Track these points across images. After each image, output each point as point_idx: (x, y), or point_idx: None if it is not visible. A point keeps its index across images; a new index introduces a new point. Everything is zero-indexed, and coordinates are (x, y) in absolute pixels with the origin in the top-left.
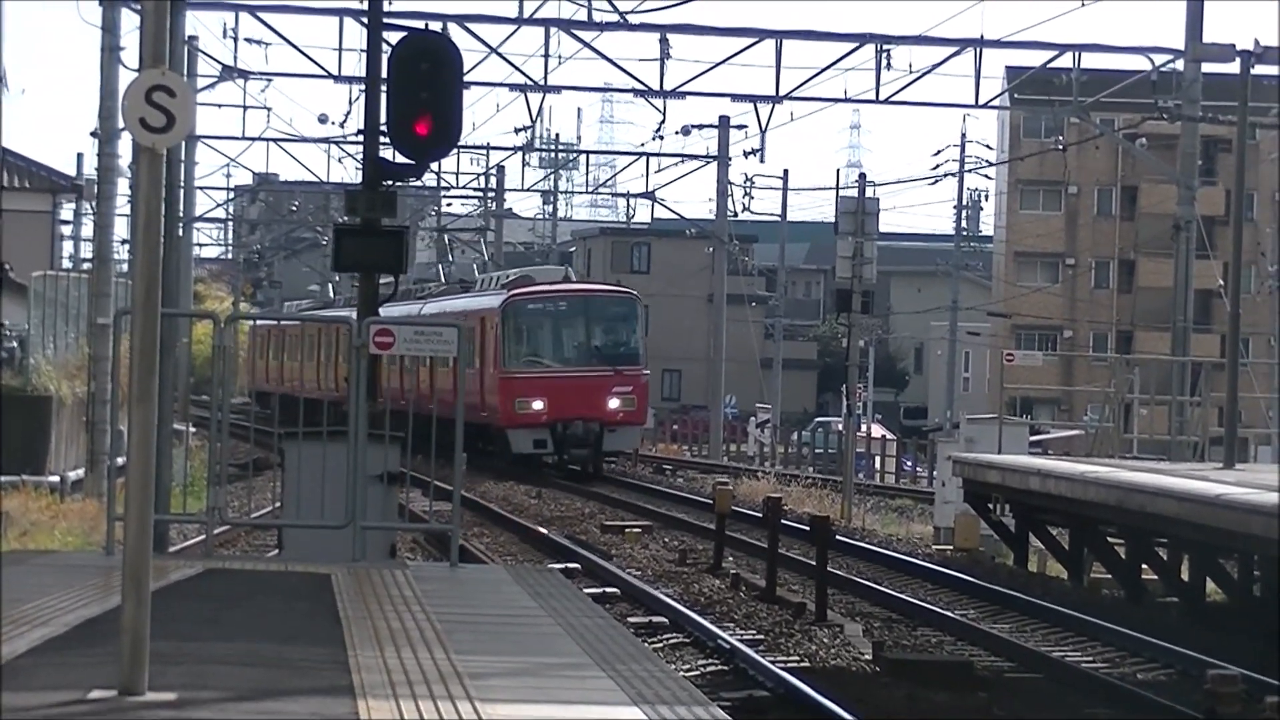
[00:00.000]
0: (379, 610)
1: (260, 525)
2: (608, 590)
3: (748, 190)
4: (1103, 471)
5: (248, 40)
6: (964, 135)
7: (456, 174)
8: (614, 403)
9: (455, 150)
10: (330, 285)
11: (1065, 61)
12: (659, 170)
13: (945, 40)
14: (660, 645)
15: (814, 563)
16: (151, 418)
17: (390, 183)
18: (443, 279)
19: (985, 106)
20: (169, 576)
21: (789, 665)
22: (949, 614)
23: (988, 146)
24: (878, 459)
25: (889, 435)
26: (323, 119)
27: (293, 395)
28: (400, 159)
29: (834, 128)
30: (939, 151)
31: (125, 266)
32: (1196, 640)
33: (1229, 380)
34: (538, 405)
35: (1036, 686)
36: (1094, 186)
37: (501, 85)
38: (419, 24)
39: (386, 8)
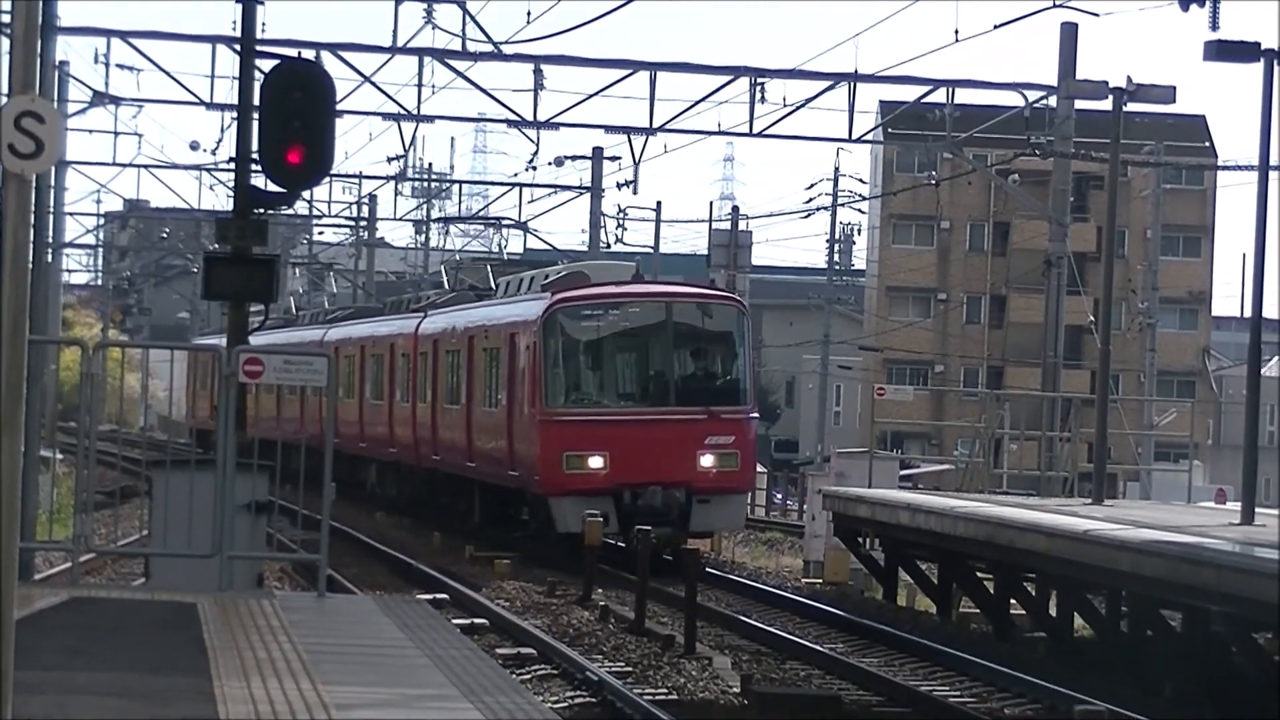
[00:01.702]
0: (245, 640)
1: (127, 554)
2: (476, 621)
3: (621, 222)
4: (972, 506)
5: (119, 66)
6: (837, 169)
7: (329, 202)
8: (707, 459)
9: (327, 179)
10: (292, 299)
11: (939, 97)
12: (532, 200)
13: (819, 74)
14: (528, 677)
15: (683, 595)
16: (18, 447)
17: (261, 211)
18: (445, 284)
19: (859, 141)
20: (34, 604)
21: (657, 698)
22: (818, 647)
23: (861, 180)
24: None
25: (759, 468)
26: (194, 146)
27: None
28: (272, 187)
29: (707, 160)
30: (812, 185)
31: None
32: (1063, 676)
33: (1098, 416)
34: (596, 463)
35: (906, 718)
36: (966, 222)
37: (374, 114)
38: (292, 52)
39: (259, 35)
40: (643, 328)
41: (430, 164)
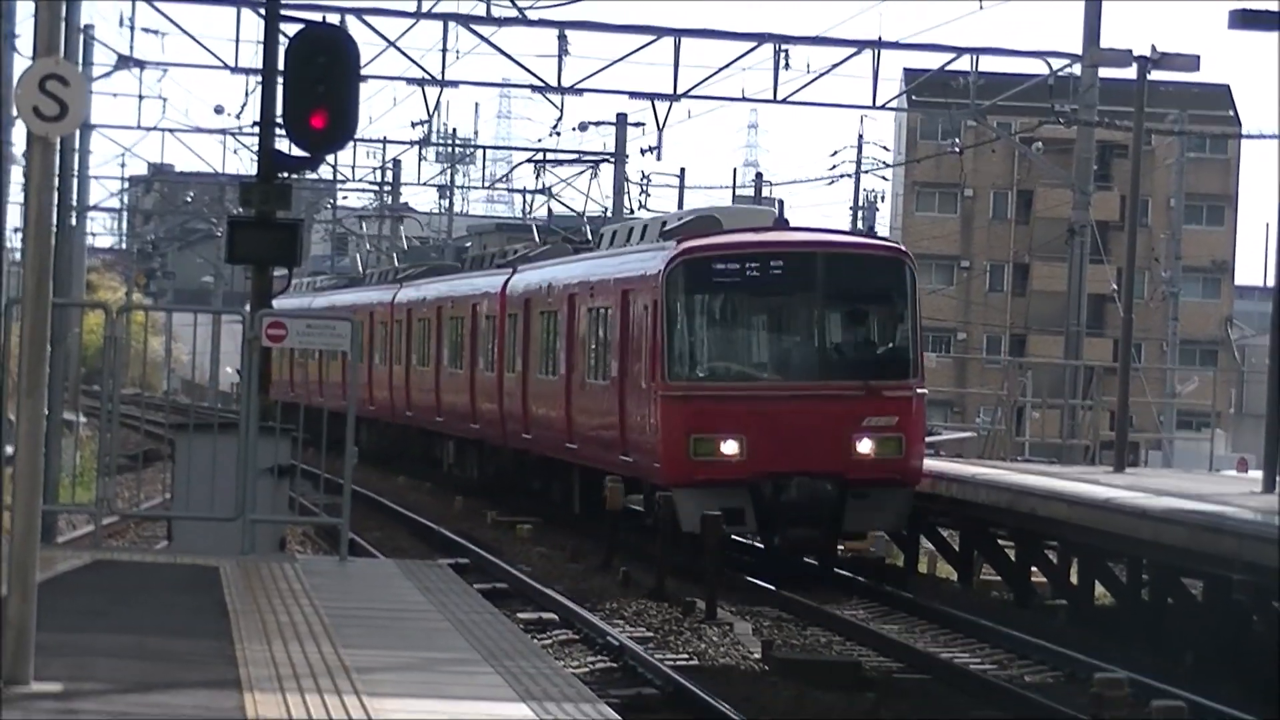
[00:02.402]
0: (267, 604)
1: (150, 517)
2: (497, 586)
3: (644, 188)
4: (995, 474)
5: (144, 29)
6: (861, 136)
7: (353, 167)
8: (865, 444)
9: (351, 144)
10: (358, 257)
11: (963, 64)
12: (556, 166)
13: (843, 41)
14: (549, 642)
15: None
16: (40, 409)
17: (285, 175)
18: (535, 235)
19: (883, 108)
20: (56, 567)
21: (678, 664)
22: (838, 614)
23: (885, 148)
24: None
25: None
26: (219, 110)
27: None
28: (296, 151)
29: (731, 127)
30: (836, 152)
31: (17, 255)
32: (1084, 643)
33: (1120, 384)
34: (729, 448)
35: (924, 687)
36: (990, 190)
37: (399, 79)
38: (317, 16)
39: None
40: (788, 284)
41: (454, 129)
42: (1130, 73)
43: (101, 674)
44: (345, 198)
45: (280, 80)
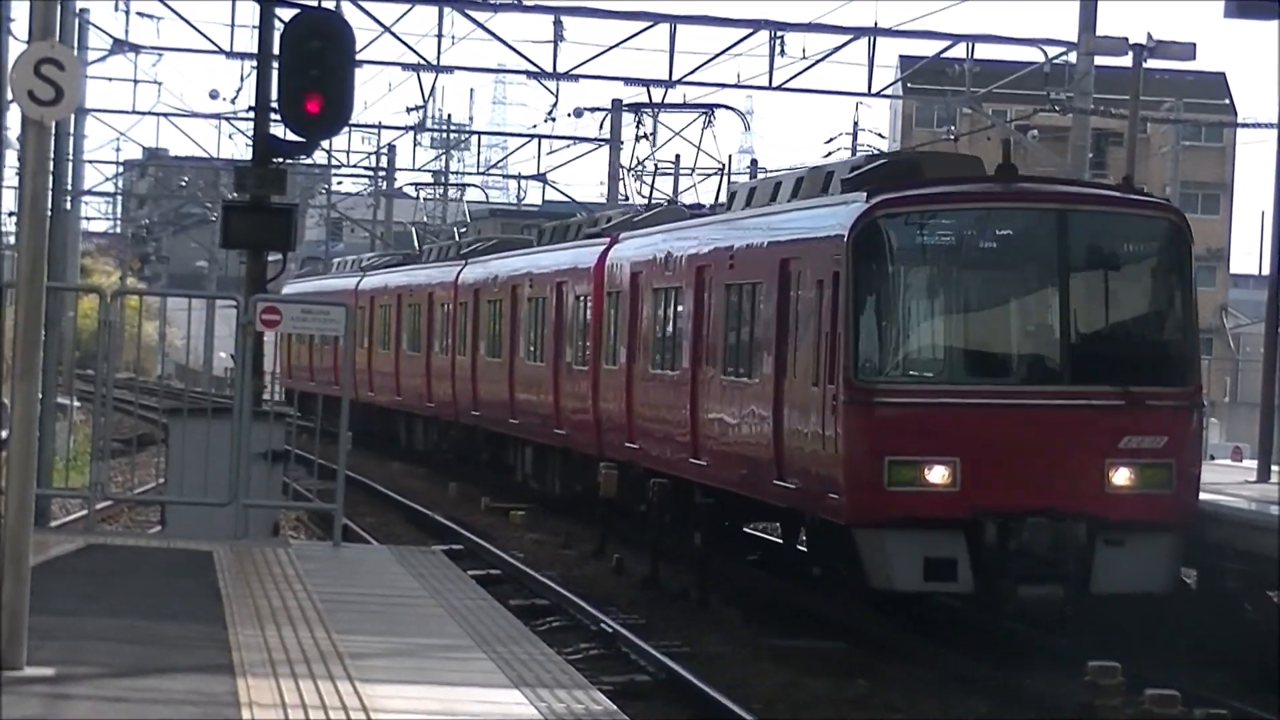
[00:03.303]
0: (260, 588)
1: (143, 501)
2: (491, 573)
3: (639, 174)
4: None
5: (139, 14)
6: (856, 124)
7: (347, 152)
8: (1123, 472)
9: (346, 129)
10: (414, 231)
11: (959, 52)
12: (551, 152)
13: (839, 28)
14: (542, 628)
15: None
16: (34, 393)
17: (280, 160)
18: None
19: (878, 95)
20: (49, 551)
21: (671, 650)
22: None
23: (880, 135)
24: None
25: None
26: (214, 94)
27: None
28: (291, 136)
29: (726, 113)
30: (831, 139)
31: (12, 239)
32: (1076, 633)
33: None
34: (939, 475)
35: (915, 675)
36: None
37: (394, 64)
38: (312, 1)
39: None
40: (1023, 252)
41: (449, 115)
42: (1126, 61)
43: (94, 658)
44: (340, 183)
45: (275, 65)
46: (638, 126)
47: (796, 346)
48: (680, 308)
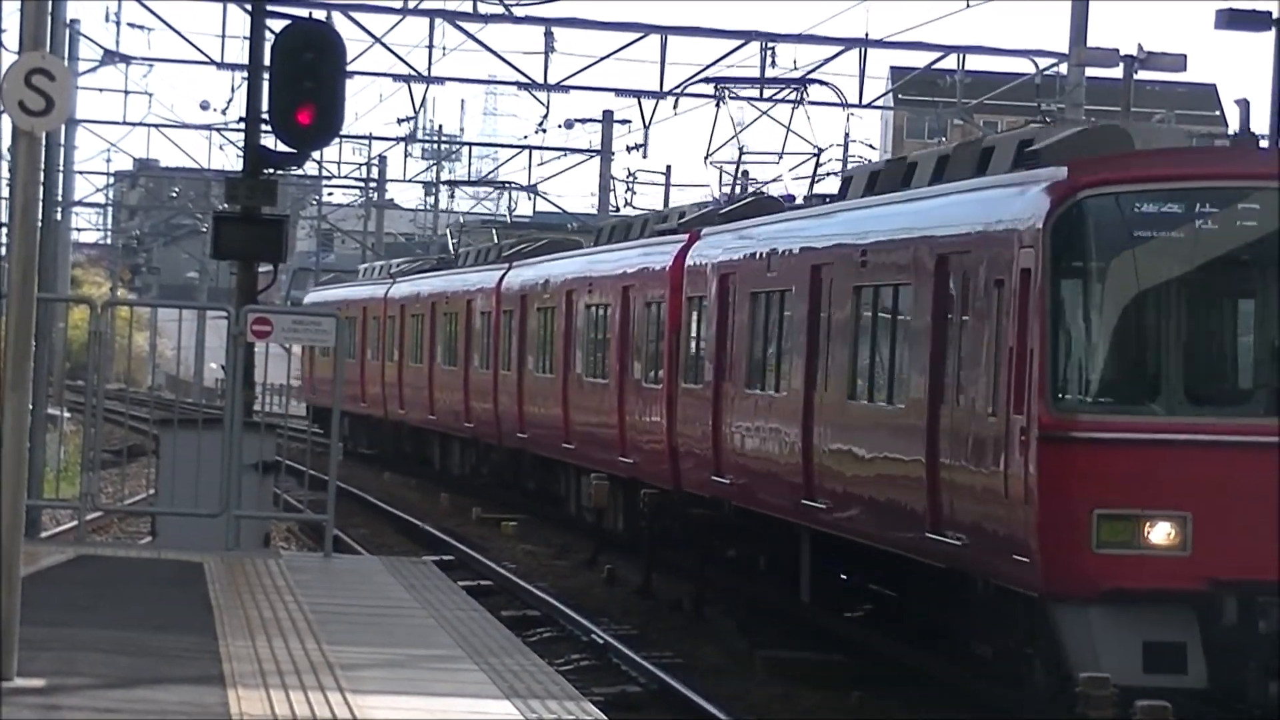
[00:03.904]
0: (251, 599)
1: (134, 512)
2: (482, 583)
3: (630, 185)
4: None
5: (130, 25)
6: (847, 135)
7: (338, 163)
8: None
9: (337, 140)
10: (449, 232)
11: (950, 63)
12: (542, 163)
13: (830, 39)
14: (534, 639)
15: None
16: (25, 404)
17: (271, 171)
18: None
19: (869, 106)
20: (40, 562)
21: (663, 661)
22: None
23: (871, 146)
24: None
25: None
26: (204, 105)
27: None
28: (282, 147)
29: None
30: (822, 150)
31: (2, 250)
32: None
33: None
34: (1164, 534)
35: (909, 686)
36: None
37: (385, 75)
38: (303, 12)
39: None
40: (1250, 248)
41: (440, 126)
42: (1117, 72)
43: (85, 669)
44: (331, 194)
45: (266, 76)
46: (719, 106)
47: (961, 364)
48: (788, 314)
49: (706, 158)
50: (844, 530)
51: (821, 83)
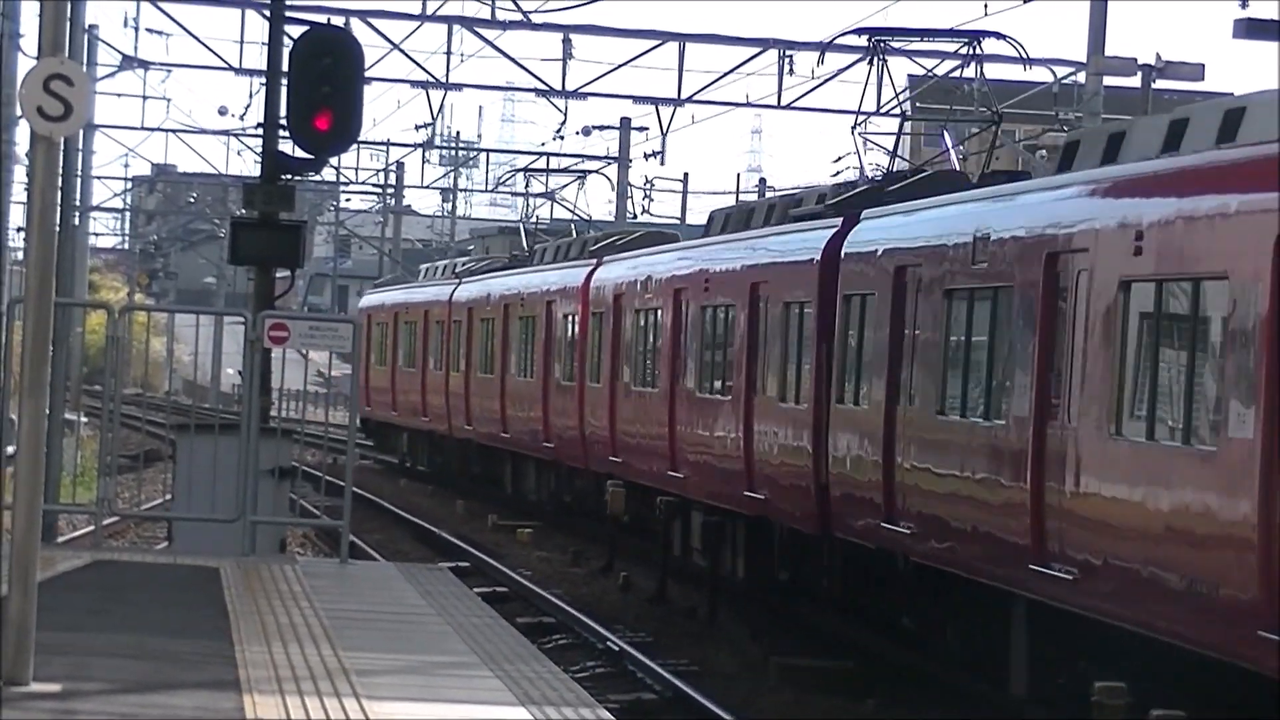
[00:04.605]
0: (267, 605)
1: (150, 517)
2: (498, 590)
3: (648, 192)
4: None
5: (149, 30)
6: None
7: (356, 169)
8: None
9: (355, 146)
10: (522, 229)
11: (967, 72)
12: (559, 170)
13: (848, 47)
14: (549, 646)
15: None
16: (42, 408)
17: (289, 177)
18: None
19: (885, 114)
20: (57, 567)
21: (678, 668)
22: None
23: (888, 154)
24: None
25: None
26: (222, 111)
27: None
28: (300, 153)
29: (735, 132)
30: (840, 158)
31: (20, 254)
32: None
33: None
34: None
35: (923, 694)
36: None
37: (403, 81)
38: (321, 18)
39: (289, 1)
40: None
41: (458, 132)
42: (1135, 81)
43: (101, 674)
44: (348, 200)
45: (284, 82)
46: (873, 64)
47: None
48: (1011, 318)
49: (855, 126)
50: (1096, 608)
51: (999, 35)
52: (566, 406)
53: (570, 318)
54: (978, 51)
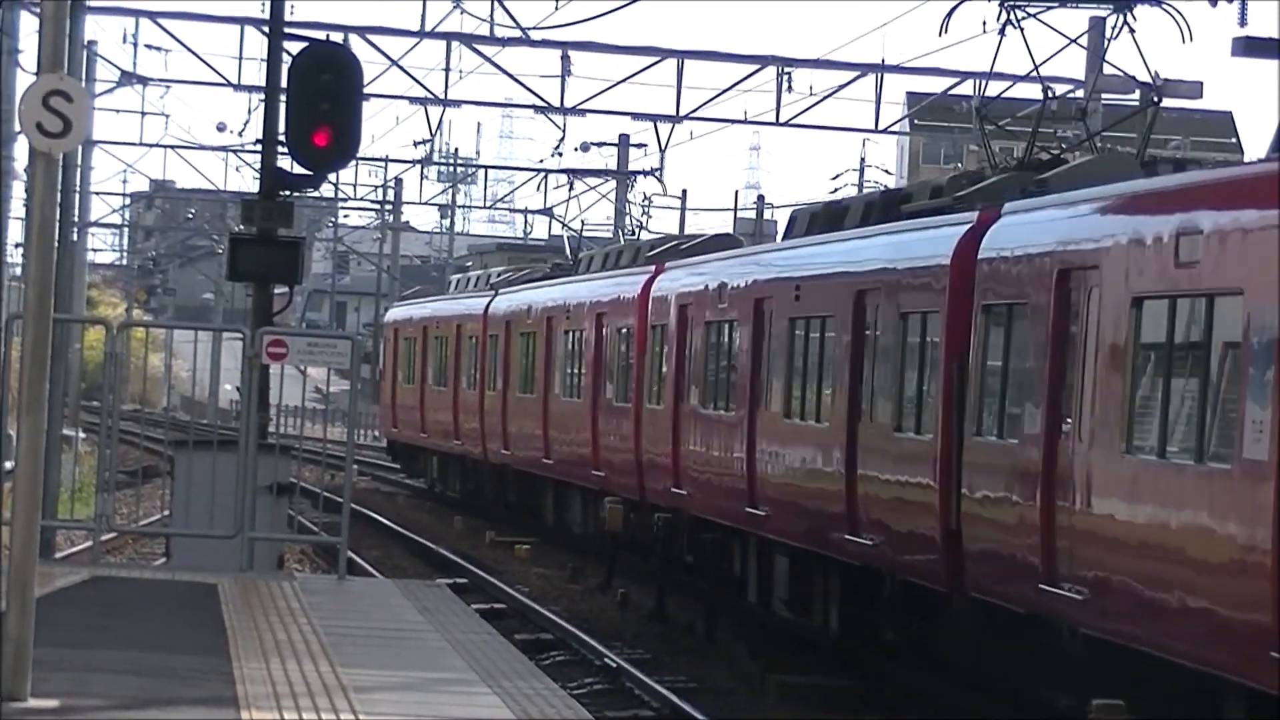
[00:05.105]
0: (265, 621)
1: (148, 533)
2: (495, 606)
3: (646, 209)
4: None
5: (147, 46)
6: (863, 160)
7: (354, 185)
8: None
9: (353, 162)
10: (566, 237)
11: (966, 89)
12: (557, 187)
13: (846, 64)
14: (547, 662)
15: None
16: (41, 424)
17: (287, 193)
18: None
19: (885, 132)
20: (54, 583)
21: (675, 685)
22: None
23: (887, 171)
24: None
25: None
26: (221, 127)
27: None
28: (298, 169)
29: (734, 149)
30: (838, 175)
31: (18, 270)
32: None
33: None
34: None
35: (923, 713)
36: None
37: (401, 98)
38: (320, 34)
39: (288, 17)
40: None
41: (456, 149)
42: (1134, 98)
43: (99, 690)
44: (347, 216)
45: (283, 98)
46: (1004, 32)
47: None
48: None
49: (979, 110)
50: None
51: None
52: (619, 431)
53: (625, 331)
54: (1129, 20)
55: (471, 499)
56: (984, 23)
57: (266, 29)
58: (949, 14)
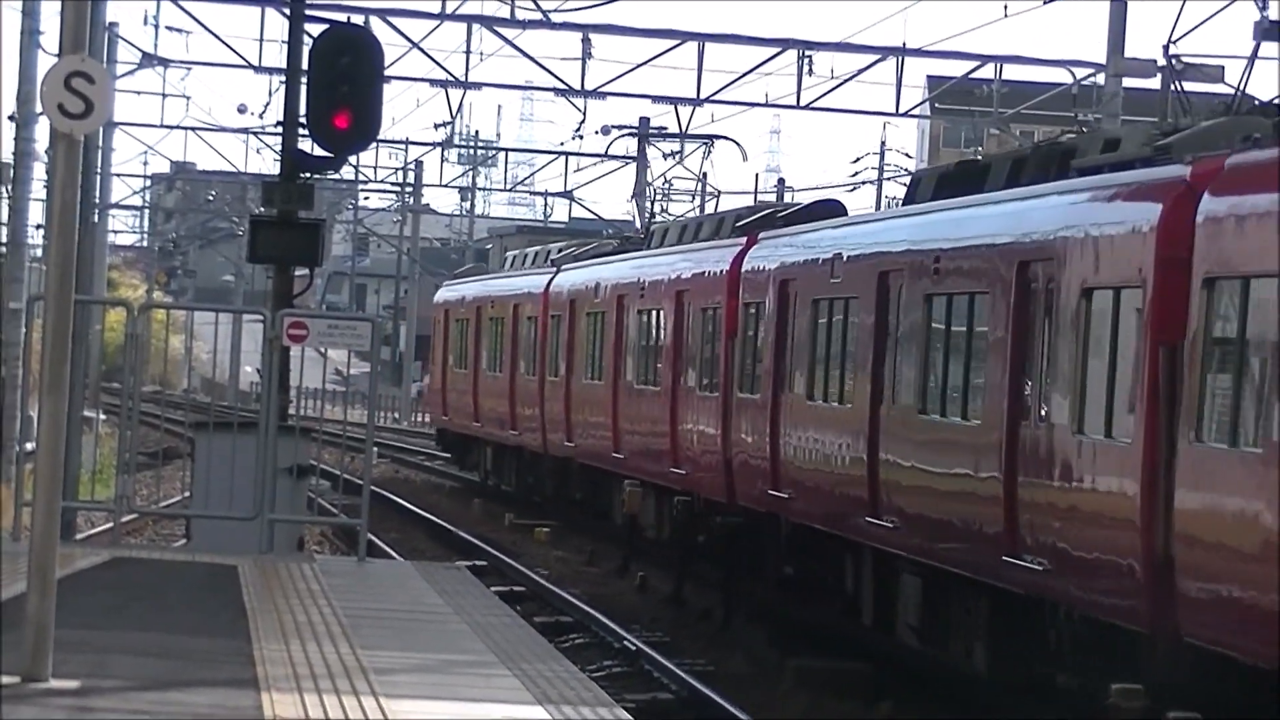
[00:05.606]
0: (285, 603)
1: (168, 515)
2: (515, 589)
3: (666, 192)
4: None
5: (168, 28)
6: (884, 143)
7: (375, 168)
8: None
9: (374, 144)
10: (635, 208)
11: (987, 72)
12: (578, 170)
13: (867, 48)
14: (566, 645)
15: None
16: (62, 406)
17: (308, 175)
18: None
19: (906, 115)
20: (75, 564)
21: (694, 669)
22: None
23: (907, 155)
24: None
25: None
26: (242, 109)
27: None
28: (319, 151)
29: (754, 132)
30: (859, 159)
31: (39, 252)
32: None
33: None
34: None
35: (939, 697)
36: None
37: (422, 80)
38: (341, 17)
39: None
40: None
41: (477, 131)
42: (1154, 82)
43: (119, 671)
44: (367, 198)
45: (304, 80)
46: None
47: None
48: None
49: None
50: None
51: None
52: (704, 423)
53: (711, 312)
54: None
55: (528, 495)
56: (1005, 7)
57: (287, 11)
58: None
